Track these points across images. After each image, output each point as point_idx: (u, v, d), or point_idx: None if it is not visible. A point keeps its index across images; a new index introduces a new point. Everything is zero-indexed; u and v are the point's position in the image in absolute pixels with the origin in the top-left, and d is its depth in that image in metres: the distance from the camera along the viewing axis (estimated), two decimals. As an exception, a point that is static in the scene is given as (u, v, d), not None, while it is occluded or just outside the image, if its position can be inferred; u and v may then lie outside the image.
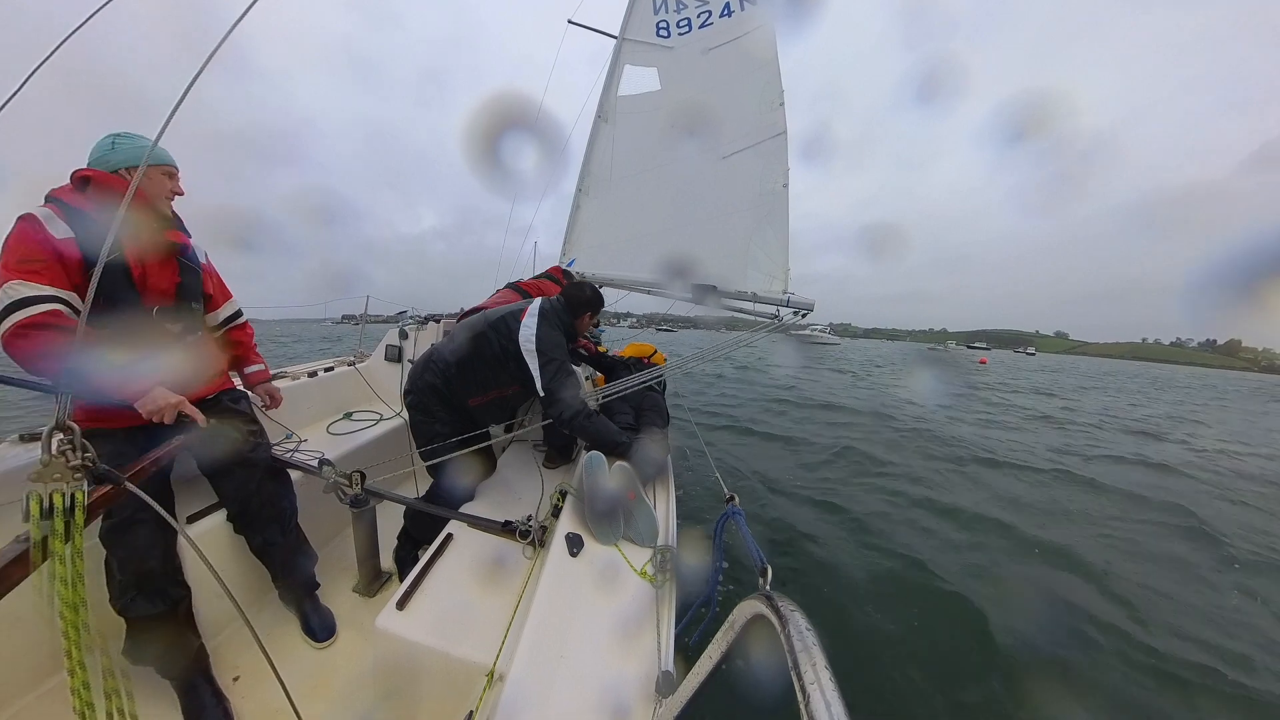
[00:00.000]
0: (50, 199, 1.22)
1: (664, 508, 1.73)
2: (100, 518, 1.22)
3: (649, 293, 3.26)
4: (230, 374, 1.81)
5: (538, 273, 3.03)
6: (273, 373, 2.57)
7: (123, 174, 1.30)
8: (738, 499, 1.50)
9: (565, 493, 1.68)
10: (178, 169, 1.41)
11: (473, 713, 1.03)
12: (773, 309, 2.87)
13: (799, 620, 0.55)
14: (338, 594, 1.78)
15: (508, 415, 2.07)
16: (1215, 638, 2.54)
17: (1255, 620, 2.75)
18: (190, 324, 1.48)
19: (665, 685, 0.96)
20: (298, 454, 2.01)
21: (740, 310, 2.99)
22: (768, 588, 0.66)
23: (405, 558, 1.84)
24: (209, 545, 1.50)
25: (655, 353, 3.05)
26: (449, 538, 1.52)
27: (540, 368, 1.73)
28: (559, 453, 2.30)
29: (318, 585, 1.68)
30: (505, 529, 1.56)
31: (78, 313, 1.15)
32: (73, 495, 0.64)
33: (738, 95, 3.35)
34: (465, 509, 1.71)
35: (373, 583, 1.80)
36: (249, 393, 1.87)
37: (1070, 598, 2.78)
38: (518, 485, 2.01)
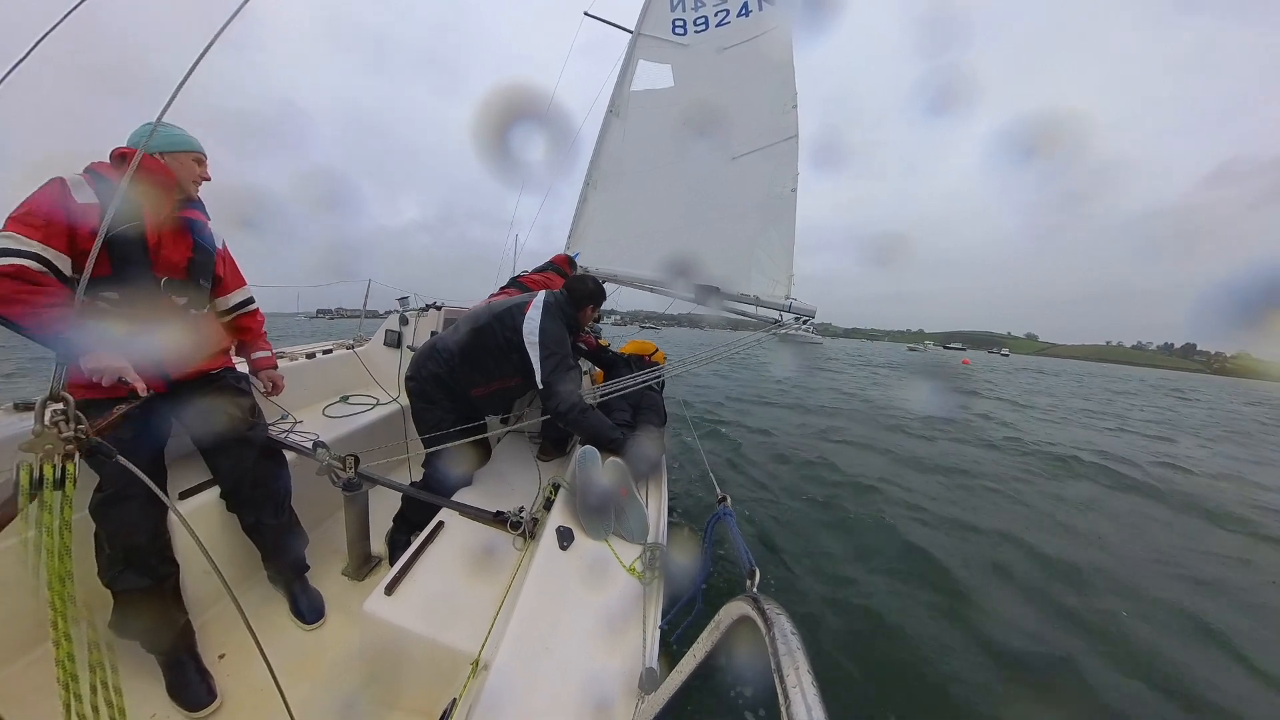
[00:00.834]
0: (88, 170, 1.27)
1: (656, 506, 1.74)
2: (92, 490, 1.23)
3: (652, 290, 3.25)
4: (236, 358, 1.82)
5: (526, 267, 3.02)
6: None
7: (158, 157, 1.38)
8: (729, 500, 1.51)
9: (558, 486, 1.68)
10: (206, 156, 1.49)
11: (456, 700, 1.03)
12: (775, 314, 2.87)
13: (784, 623, 0.55)
14: (327, 576, 1.78)
15: (509, 406, 2.07)
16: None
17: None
18: (196, 300, 1.51)
19: (648, 682, 0.97)
20: (293, 435, 2.01)
21: (742, 313, 2.98)
22: (755, 590, 0.66)
23: (399, 541, 1.85)
24: (200, 523, 1.50)
25: (656, 351, 3.05)
26: (440, 525, 1.53)
27: (541, 360, 1.74)
28: (554, 445, 2.30)
29: (307, 567, 1.69)
30: (497, 519, 1.57)
31: (62, 276, 1.17)
32: (63, 467, 0.64)
33: (751, 96, 3.33)
34: (458, 497, 1.71)
35: (362, 567, 1.80)
36: (251, 376, 1.87)
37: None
38: (511, 476, 2.02)
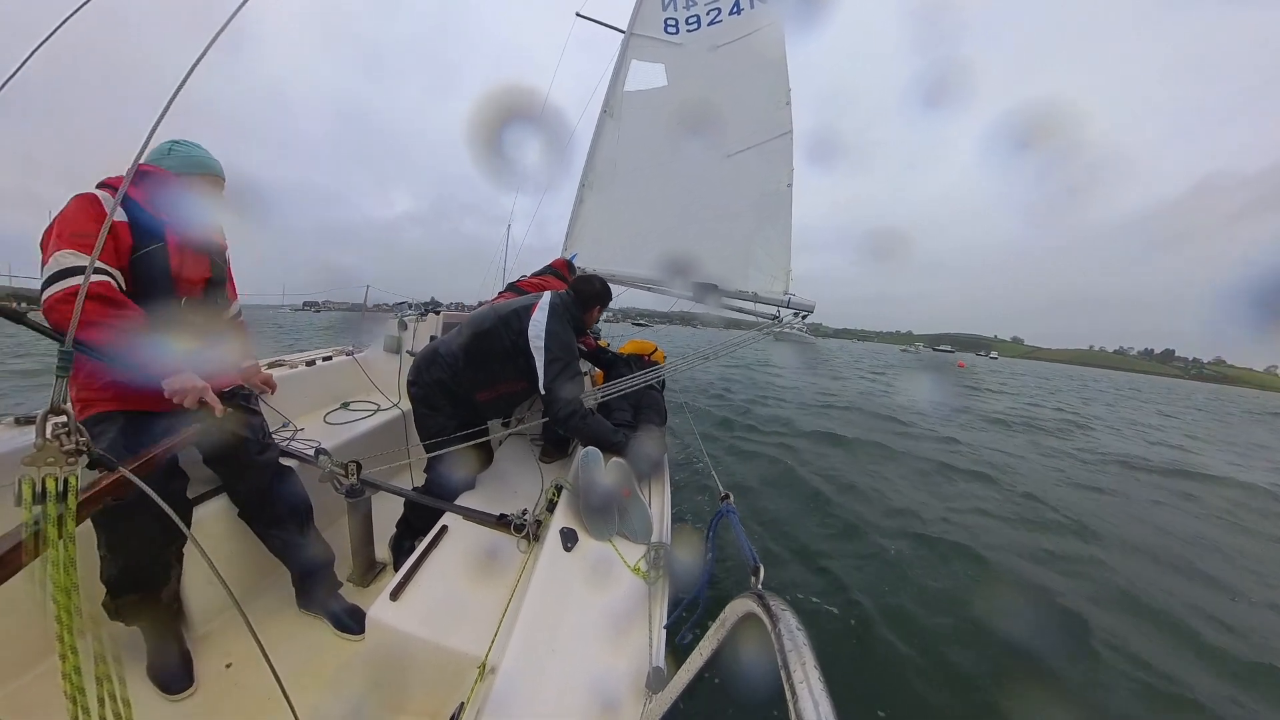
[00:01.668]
0: (105, 185, 1.26)
1: (659, 505, 1.74)
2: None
3: (650, 289, 3.25)
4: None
5: (522, 266, 3.02)
6: (270, 360, 2.58)
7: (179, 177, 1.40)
8: (732, 498, 1.50)
9: (561, 488, 1.68)
10: (225, 178, 1.50)
11: (464, 704, 1.03)
12: (773, 309, 2.87)
13: (790, 619, 0.55)
14: (332, 583, 1.78)
15: (513, 410, 2.06)
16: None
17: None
18: (212, 317, 1.53)
19: (655, 681, 0.97)
20: (294, 443, 2.01)
21: (740, 310, 2.98)
22: (760, 587, 0.66)
23: (402, 547, 1.85)
24: (208, 530, 1.50)
25: (656, 350, 3.05)
26: (444, 530, 1.53)
27: (545, 364, 1.73)
28: (556, 447, 2.30)
29: (340, 584, 1.70)
30: (500, 522, 1.57)
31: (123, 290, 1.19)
32: (66, 480, 0.64)
33: (744, 93, 3.33)
34: (461, 501, 1.71)
35: (367, 573, 1.80)
36: (253, 390, 1.88)
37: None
38: (514, 479, 2.02)
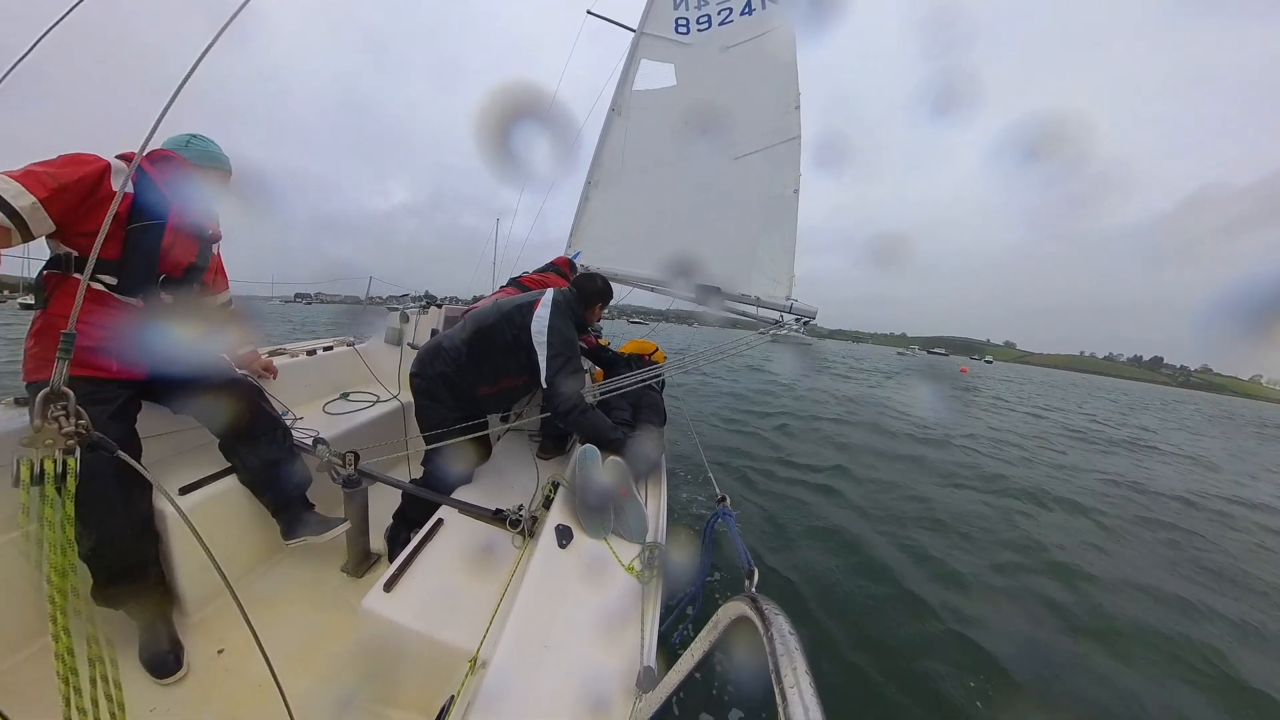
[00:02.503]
0: (127, 159, 1.30)
1: (655, 505, 1.74)
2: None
3: (653, 290, 3.25)
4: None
5: (516, 257, 3.01)
6: (271, 349, 2.58)
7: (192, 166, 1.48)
8: (729, 500, 1.51)
9: (558, 484, 1.68)
10: (232, 173, 1.59)
11: (454, 697, 1.03)
12: (775, 314, 2.86)
13: (782, 624, 0.55)
14: (326, 573, 1.78)
15: (513, 405, 2.07)
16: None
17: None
18: (183, 300, 1.56)
19: (646, 681, 0.97)
20: (293, 431, 2.01)
21: (743, 313, 2.98)
22: (754, 590, 0.66)
23: (398, 538, 1.85)
24: (201, 518, 1.50)
25: (656, 350, 3.05)
26: (439, 523, 1.53)
27: (547, 359, 1.74)
28: (554, 444, 2.30)
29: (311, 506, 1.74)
30: (496, 517, 1.57)
31: (28, 234, 1.13)
32: (64, 462, 0.64)
33: (754, 96, 3.32)
34: (457, 495, 1.71)
35: (361, 563, 1.81)
36: (244, 370, 1.92)
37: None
38: (511, 474, 2.02)
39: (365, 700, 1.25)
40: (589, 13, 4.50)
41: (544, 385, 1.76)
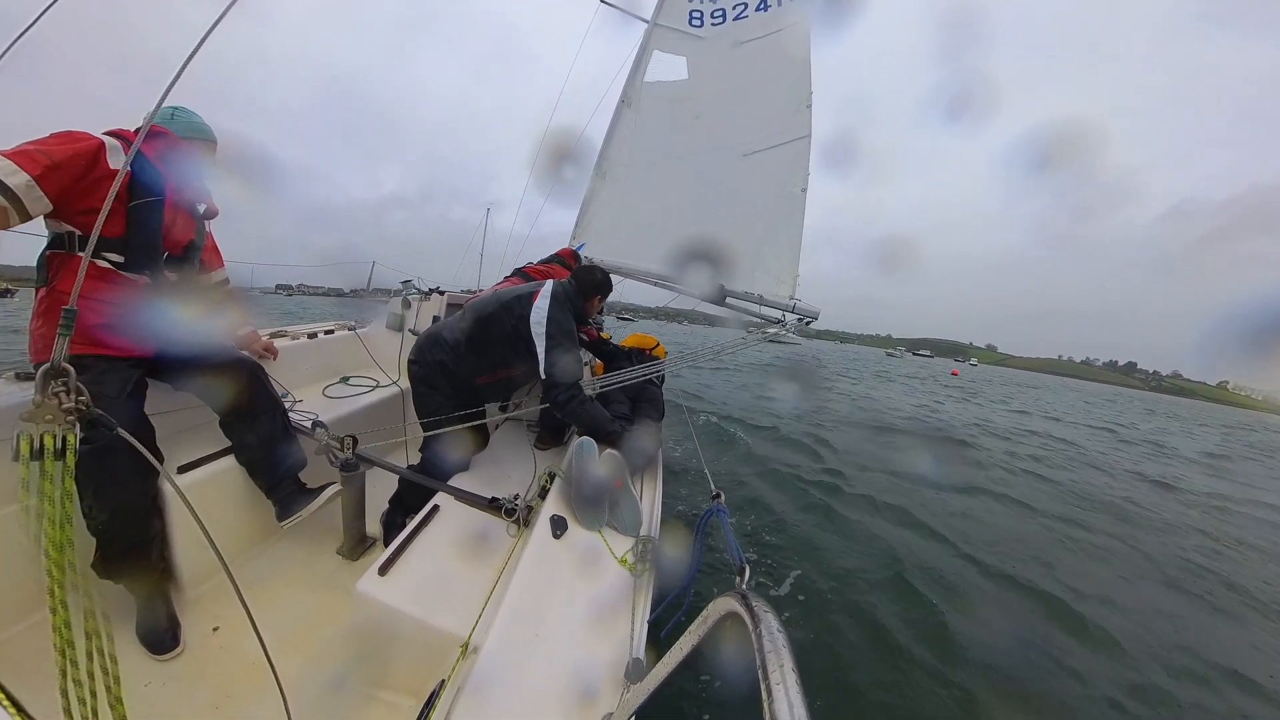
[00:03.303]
0: (118, 135, 1.28)
1: (650, 499, 1.75)
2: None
3: (656, 284, 3.24)
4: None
5: (514, 254, 3.00)
6: (272, 331, 2.58)
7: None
8: (724, 497, 1.51)
9: (554, 475, 1.69)
10: (217, 143, 1.58)
11: (444, 681, 1.05)
12: (778, 313, 2.86)
13: (771, 621, 0.56)
14: (321, 555, 1.80)
15: (511, 394, 2.08)
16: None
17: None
18: (184, 278, 1.57)
19: (635, 672, 0.98)
20: (292, 414, 2.02)
21: (745, 311, 2.97)
22: (744, 587, 0.67)
23: (393, 523, 1.86)
24: (198, 497, 1.51)
25: (657, 345, 3.05)
26: (435, 509, 1.54)
27: (546, 350, 1.74)
28: (552, 434, 2.31)
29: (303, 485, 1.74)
30: (492, 505, 1.58)
31: (23, 212, 1.12)
32: (64, 438, 0.65)
33: (765, 93, 3.28)
34: (454, 482, 1.72)
35: (357, 546, 1.82)
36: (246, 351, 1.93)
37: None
38: (508, 463, 2.03)
39: (357, 681, 1.26)
40: (602, 1, 4.44)
41: (543, 375, 1.76)
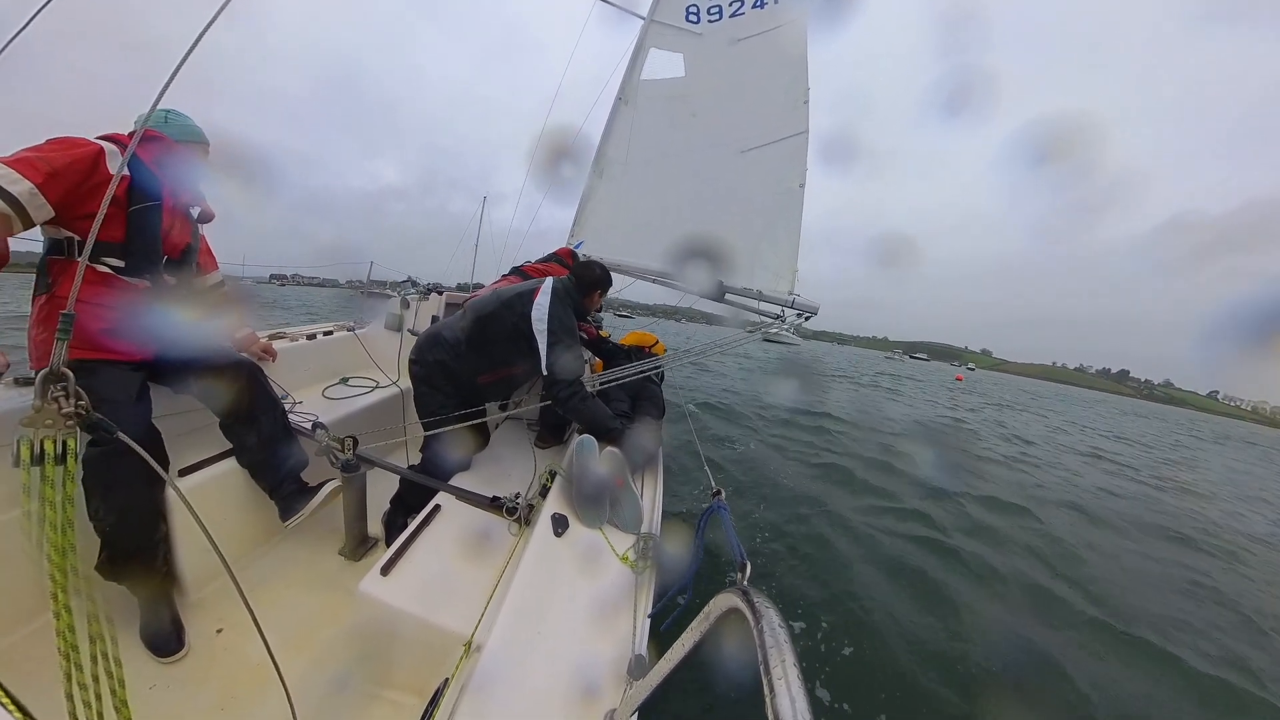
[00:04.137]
0: (115, 141, 1.28)
1: (650, 496, 1.75)
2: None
3: (655, 282, 3.24)
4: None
5: (515, 249, 2.99)
6: (271, 332, 2.58)
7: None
8: (724, 494, 1.52)
9: (555, 474, 1.69)
10: (210, 145, 1.58)
11: (448, 680, 1.05)
12: (777, 309, 2.86)
13: (773, 617, 0.56)
14: (323, 556, 1.80)
15: (512, 393, 2.09)
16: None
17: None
18: (183, 281, 1.58)
19: (637, 668, 0.99)
20: (292, 415, 2.02)
21: (744, 307, 2.97)
22: (745, 583, 0.67)
23: (395, 523, 1.87)
24: (201, 499, 1.52)
25: (657, 343, 3.05)
26: (436, 509, 1.54)
27: (548, 346, 1.75)
28: (552, 433, 2.32)
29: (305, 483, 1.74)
30: (493, 504, 1.58)
31: (28, 220, 1.12)
32: (64, 442, 0.65)
33: (763, 90, 3.28)
34: (455, 482, 1.73)
35: (358, 547, 1.82)
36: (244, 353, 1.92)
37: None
38: (509, 462, 2.03)
39: (361, 681, 1.27)
40: (597, -2, 4.42)
41: (544, 372, 1.76)
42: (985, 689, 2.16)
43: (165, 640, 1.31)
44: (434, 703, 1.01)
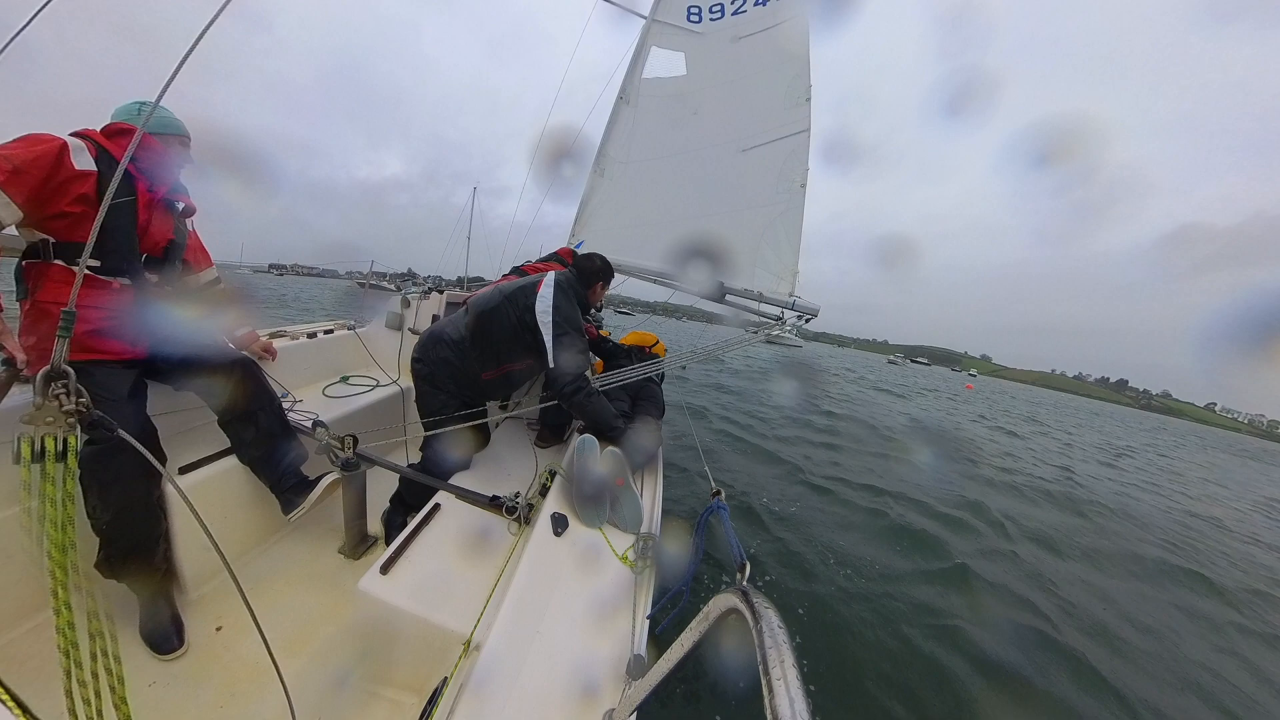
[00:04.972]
0: (83, 136, 1.27)
1: (650, 496, 1.75)
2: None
3: (655, 282, 3.23)
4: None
5: (516, 245, 2.98)
6: (271, 331, 2.58)
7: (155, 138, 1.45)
8: (723, 494, 1.52)
9: (555, 473, 1.69)
10: (190, 138, 1.54)
11: (447, 679, 1.05)
12: (777, 311, 2.86)
13: (772, 618, 0.56)
14: (323, 554, 1.80)
15: (515, 389, 2.09)
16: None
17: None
18: (168, 279, 1.56)
19: (636, 668, 0.99)
20: (292, 414, 2.02)
21: (744, 308, 2.97)
22: (745, 584, 0.67)
23: (394, 522, 1.87)
24: (204, 496, 1.52)
25: (657, 343, 3.05)
26: (436, 508, 1.54)
27: (554, 339, 1.74)
28: (552, 432, 2.32)
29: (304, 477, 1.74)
30: (493, 504, 1.58)
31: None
32: (65, 439, 0.65)
33: (764, 88, 3.27)
34: (455, 481, 1.73)
35: (358, 546, 1.83)
36: (244, 351, 1.92)
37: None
38: (509, 461, 2.03)
39: (360, 680, 1.27)
40: (599, -3, 4.41)
41: (550, 365, 1.76)
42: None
43: (165, 638, 1.31)
44: (433, 701, 1.01)
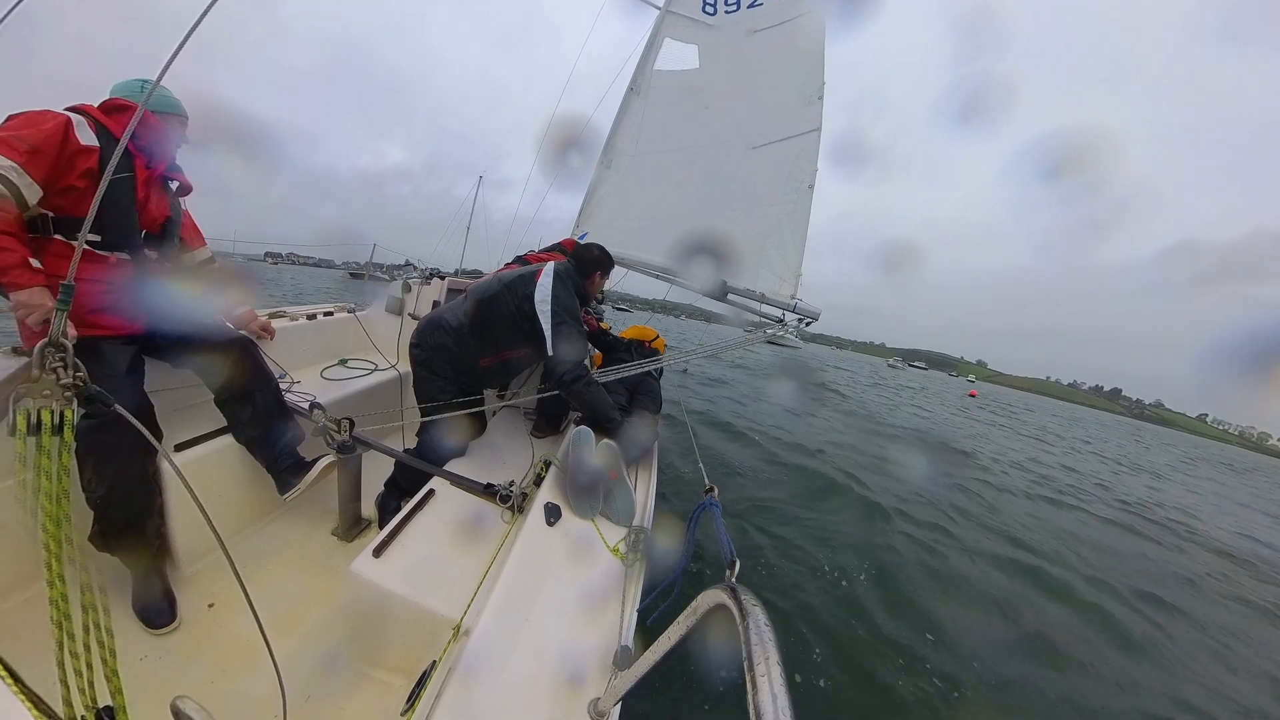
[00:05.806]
0: (81, 111, 1.27)
1: (644, 490, 1.76)
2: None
3: (658, 277, 3.22)
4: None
5: (518, 237, 2.99)
6: (271, 311, 2.57)
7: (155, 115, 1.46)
8: (716, 491, 1.53)
9: (549, 463, 1.70)
10: (188, 118, 1.55)
11: (436, 662, 1.06)
12: (779, 313, 2.85)
13: (759, 615, 0.57)
14: (317, 536, 1.81)
15: (512, 378, 2.09)
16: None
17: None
18: (165, 256, 1.56)
19: (623, 659, 1.00)
20: (290, 395, 2.02)
21: (746, 309, 2.96)
22: (734, 581, 0.68)
23: (388, 506, 1.88)
24: (199, 474, 1.52)
25: (657, 337, 3.05)
26: (430, 493, 1.55)
27: (552, 328, 1.75)
28: (549, 423, 2.32)
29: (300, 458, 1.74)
30: (487, 491, 1.59)
31: (23, 203, 1.14)
32: (62, 413, 0.65)
33: (777, 84, 3.23)
34: (450, 467, 1.73)
35: (352, 528, 1.84)
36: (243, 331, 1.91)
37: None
38: (504, 450, 2.04)
39: (350, 660, 1.28)
40: (612, -15, 4.35)
41: (549, 353, 1.76)
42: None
43: (157, 612, 1.32)
44: (421, 684, 1.02)
